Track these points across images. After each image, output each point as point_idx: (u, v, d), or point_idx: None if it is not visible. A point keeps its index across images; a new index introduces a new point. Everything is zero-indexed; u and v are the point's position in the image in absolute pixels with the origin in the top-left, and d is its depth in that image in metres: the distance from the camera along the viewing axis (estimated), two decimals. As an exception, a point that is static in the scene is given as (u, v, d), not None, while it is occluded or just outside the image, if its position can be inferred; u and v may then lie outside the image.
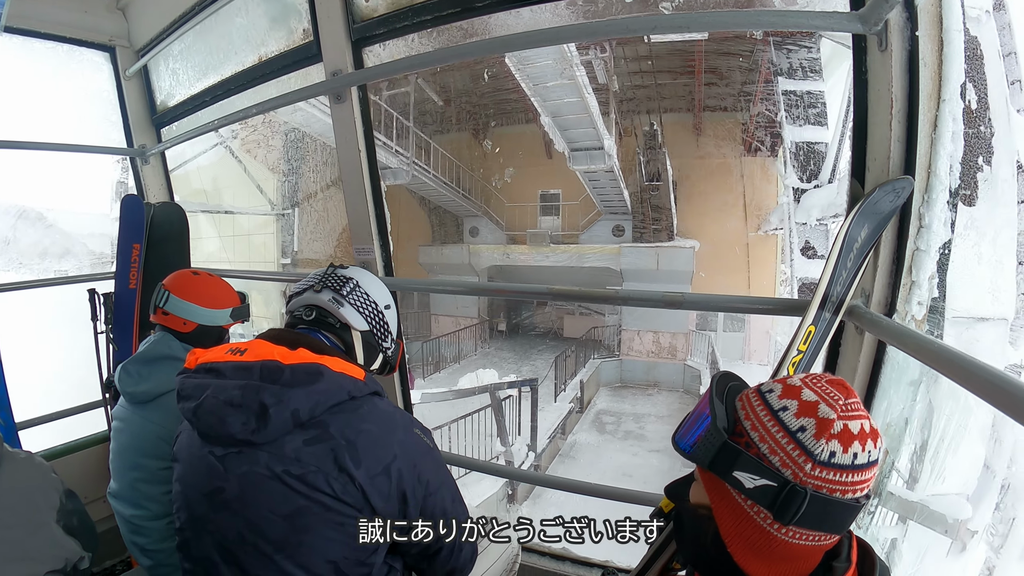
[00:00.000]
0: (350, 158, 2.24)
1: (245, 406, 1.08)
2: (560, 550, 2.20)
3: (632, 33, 1.73)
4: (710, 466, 0.74)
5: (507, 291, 4.79)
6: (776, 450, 0.71)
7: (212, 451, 1.11)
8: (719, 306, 1.75)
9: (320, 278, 1.37)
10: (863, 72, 1.46)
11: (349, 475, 1.07)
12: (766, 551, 0.73)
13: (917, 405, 1.58)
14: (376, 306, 1.39)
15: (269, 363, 1.14)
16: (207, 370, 1.18)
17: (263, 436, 1.07)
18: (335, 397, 1.12)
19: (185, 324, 1.80)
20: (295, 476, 1.06)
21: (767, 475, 0.70)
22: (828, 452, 0.69)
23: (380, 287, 1.43)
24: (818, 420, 0.70)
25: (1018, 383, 0.81)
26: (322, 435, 1.09)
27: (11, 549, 1.11)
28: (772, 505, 0.70)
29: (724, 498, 0.75)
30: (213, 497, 1.10)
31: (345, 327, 1.34)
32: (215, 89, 2.90)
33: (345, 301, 1.34)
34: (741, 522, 0.74)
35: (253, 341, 1.23)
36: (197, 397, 1.13)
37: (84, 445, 2.84)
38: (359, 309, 1.35)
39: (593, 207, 10.69)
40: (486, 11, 1.86)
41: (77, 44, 3.08)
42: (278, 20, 2.51)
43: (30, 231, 4.68)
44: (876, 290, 1.49)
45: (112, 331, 2.80)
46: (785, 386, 0.76)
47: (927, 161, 1.37)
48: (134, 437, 1.70)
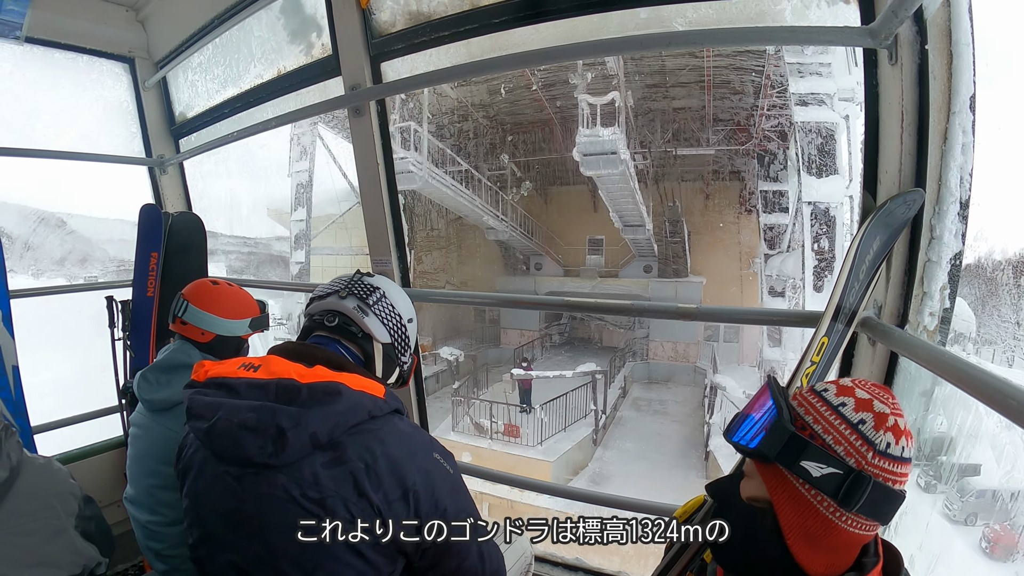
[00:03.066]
0: (369, 170, 2.28)
1: (261, 429, 1.03)
2: (574, 560, 2.19)
3: (646, 49, 1.76)
4: (776, 457, 0.78)
5: (530, 303, 4.78)
6: (840, 440, 0.76)
7: (228, 470, 1.07)
8: (732, 317, 1.77)
9: (347, 284, 1.31)
10: (874, 85, 1.48)
11: (368, 499, 1.03)
12: (823, 540, 0.78)
13: (929, 415, 1.59)
14: (400, 319, 1.34)
15: (285, 382, 1.09)
16: (219, 385, 1.12)
17: (281, 460, 1.03)
18: (355, 417, 1.08)
19: (203, 334, 1.81)
20: (313, 500, 1.02)
21: (833, 464, 0.75)
22: (885, 443, 0.76)
23: (405, 300, 1.39)
24: (875, 414, 0.77)
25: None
26: (341, 457, 1.04)
27: (30, 555, 1.12)
28: (837, 492, 0.75)
29: (786, 489, 0.79)
30: (230, 517, 1.07)
31: (367, 337, 1.28)
32: (234, 101, 2.95)
33: (371, 311, 1.29)
34: (803, 511, 0.78)
35: (268, 356, 1.17)
36: (209, 418, 1.07)
37: (99, 450, 2.87)
38: (383, 320, 1.30)
39: (629, 250, 14.26)
40: (503, 27, 1.89)
41: (96, 55, 3.14)
42: (297, 34, 2.55)
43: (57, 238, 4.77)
44: (888, 301, 1.50)
45: (129, 338, 2.83)
46: (839, 386, 0.82)
47: (938, 173, 1.38)
48: (151, 444, 1.71)
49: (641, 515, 1.82)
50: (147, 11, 3.08)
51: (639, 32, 1.60)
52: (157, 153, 3.36)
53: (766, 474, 0.82)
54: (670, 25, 1.51)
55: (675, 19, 1.48)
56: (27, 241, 4.80)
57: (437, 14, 2.03)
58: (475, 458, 9.47)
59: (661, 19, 1.53)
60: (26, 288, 3.19)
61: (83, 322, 3.10)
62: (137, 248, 2.85)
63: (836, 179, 7.98)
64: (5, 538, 1.09)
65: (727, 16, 1.51)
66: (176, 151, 3.41)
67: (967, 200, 1.39)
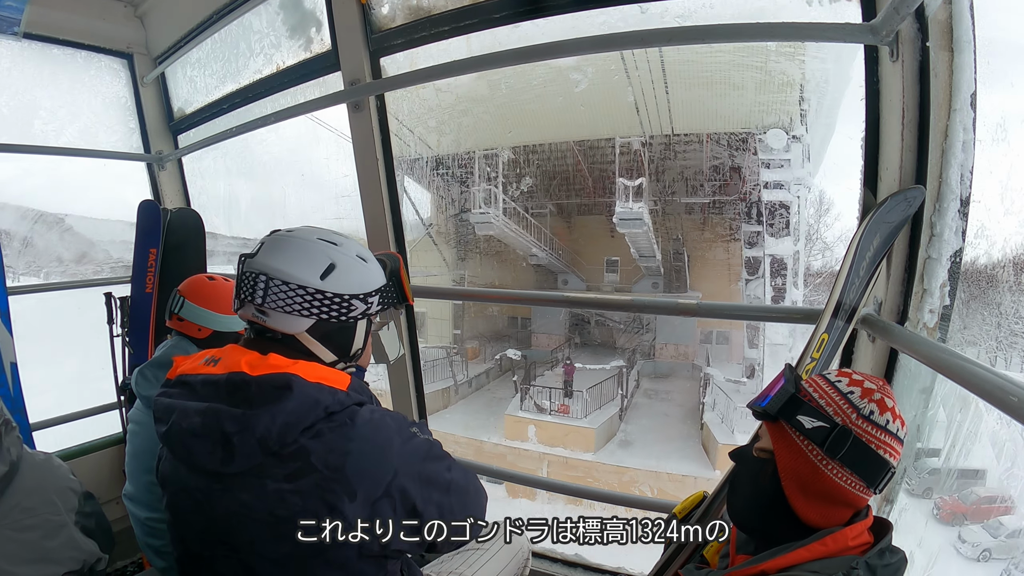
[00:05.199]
0: (368, 166, 2.27)
1: (207, 435, 0.95)
2: (572, 556, 2.19)
3: (649, 45, 1.76)
4: (779, 412, 0.95)
5: (529, 299, 4.83)
6: (831, 403, 0.93)
7: (197, 483, 1.00)
8: (732, 314, 1.77)
9: (237, 287, 1.09)
10: (875, 82, 1.48)
11: (342, 514, 0.93)
12: (812, 486, 0.92)
13: (929, 412, 1.59)
14: (306, 289, 1.05)
15: (235, 376, 0.98)
16: (182, 383, 1.05)
17: (232, 468, 0.95)
18: (308, 416, 0.96)
19: (200, 330, 1.81)
20: (282, 519, 0.94)
21: (823, 419, 0.92)
22: (869, 410, 0.91)
23: (305, 253, 1.08)
24: (863, 388, 0.94)
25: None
26: (304, 468, 0.94)
27: (30, 551, 1.11)
28: (824, 442, 0.90)
29: (785, 439, 0.95)
30: (204, 535, 1.01)
31: (289, 335, 1.08)
32: (232, 97, 2.94)
33: (266, 309, 1.05)
34: (797, 457, 0.93)
35: (228, 347, 1.08)
36: (166, 421, 1.01)
37: (98, 447, 2.87)
38: (286, 309, 1.04)
39: (640, 271, 16.86)
40: (503, 22, 1.89)
41: (95, 51, 3.13)
42: (296, 29, 2.54)
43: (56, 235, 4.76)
44: (888, 298, 1.50)
45: (128, 334, 2.83)
46: (840, 371, 1.00)
47: (938, 170, 1.38)
48: (150, 440, 1.69)
49: (641, 514, 1.83)
50: (145, 7, 3.07)
51: (640, 28, 1.59)
52: (156, 149, 3.35)
53: (772, 430, 0.98)
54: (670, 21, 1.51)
55: (675, 16, 1.48)
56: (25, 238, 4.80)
57: (437, 9, 2.03)
58: (538, 429, 12.72)
59: (662, 16, 1.54)
60: (24, 285, 3.18)
61: (82, 319, 3.09)
62: (136, 244, 2.85)
63: (788, 239, 11.93)
64: (5, 534, 1.08)
65: (728, 13, 1.51)
66: (175, 147, 3.40)
67: (967, 197, 1.39)
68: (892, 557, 0.90)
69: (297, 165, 10.19)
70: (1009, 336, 2.24)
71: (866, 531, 0.93)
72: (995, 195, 1.44)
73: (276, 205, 10.35)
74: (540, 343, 17.95)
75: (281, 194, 9.86)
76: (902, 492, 1.66)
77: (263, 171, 6.83)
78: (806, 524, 0.94)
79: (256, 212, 8.62)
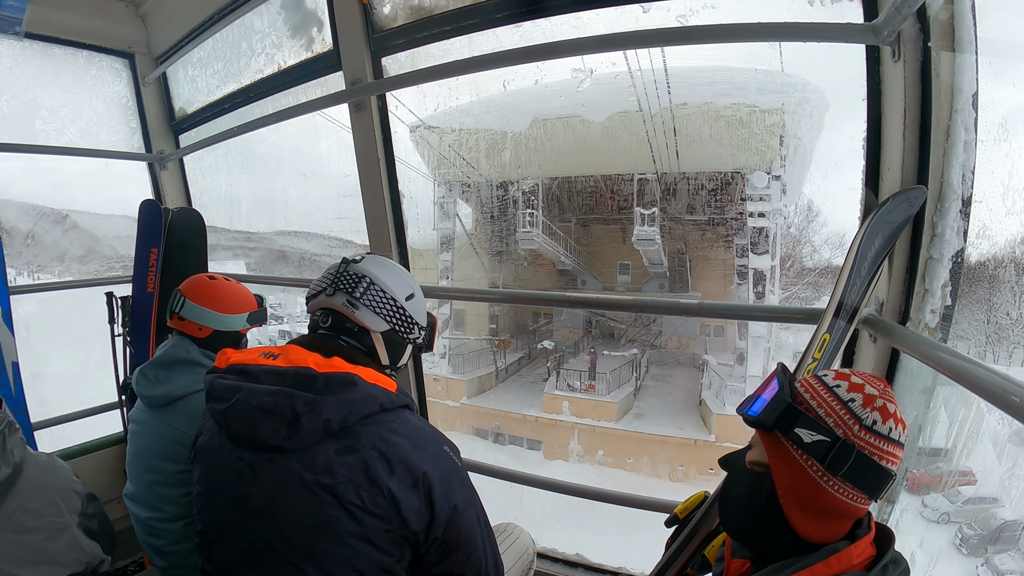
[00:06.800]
0: (369, 165, 2.27)
1: (277, 412, 1.06)
2: (574, 556, 2.20)
3: (651, 44, 1.77)
4: (774, 424, 0.88)
5: (531, 299, 4.86)
6: (831, 413, 0.86)
7: (242, 456, 1.09)
8: (734, 314, 1.77)
9: (332, 279, 1.29)
10: (876, 82, 1.48)
11: (379, 487, 1.05)
12: (813, 503, 0.86)
13: (930, 412, 1.59)
14: (395, 301, 1.30)
15: (303, 370, 1.11)
16: (239, 371, 1.15)
17: (294, 444, 1.05)
18: (367, 408, 1.10)
19: (200, 329, 1.80)
20: (325, 487, 1.04)
21: (823, 432, 0.85)
22: (871, 419, 0.84)
23: (399, 276, 1.34)
24: (864, 395, 0.86)
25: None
26: (354, 445, 1.06)
27: (33, 552, 1.11)
28: (825, 458, 0.84)
29: (782, 454, 0.88)
30: (241, 503, 1.08)
31: (364, 330, 1.28)
32: (234, 97, 2.93)
33: (360, 303, 1.26)
34: (795, 474, 0.87)
35: (287, 346, 1.21)
36: (227, 400, 1.10)
37: (99, 446, 2.86)
38: (375, 310, 1.27)
39: (648, 273, 19.05)
40: (504, 22, 1.89)
41: (96, 51, 3.13)
42: (298, 29, 2.54)
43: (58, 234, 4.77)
44: (890, 298, 1.50)
45: (129, 334, 2.83)
46: (838, 373, 0.92)
47: (940, 170, 1.38)
48: (151, 440, 1.70)
49: (641, 513, 1.83)
50: (147, 6, 3.07)
51: (642, 28, 1.59)
52: (157, 149, 3.35)
53: (766, 441, 0.91)
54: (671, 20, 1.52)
55: (676, 15, 1.48)
56: (27, 236, 4.80)
57: (439, 8, 2.02)
58: (570, 404, 14.91)
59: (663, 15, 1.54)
60: (26, 284, 3.18)
61: (83, 318, 3.09)
62: (137, 244, 2.84)
63: (767, 256, 14.18)
64: (8, 536, 1.08)
65: (728, 13, 1.51)
66: (176, 147, 3.40)
67: (969, 197, 1.39)
68: (895, 570, 0.86)
69: (298, 164, 10.27)
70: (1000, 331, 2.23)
71: (870, 544, 0.89)
72: (997, 195, 1.43)
73: (278, 204, 10.37)
74: (563, 336, 20.51)
75: (283, 193, 9.89)
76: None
77: (265, 170, 6.85)
78: (804, 539, 0.89)
79: (257, 211, 8.64)
